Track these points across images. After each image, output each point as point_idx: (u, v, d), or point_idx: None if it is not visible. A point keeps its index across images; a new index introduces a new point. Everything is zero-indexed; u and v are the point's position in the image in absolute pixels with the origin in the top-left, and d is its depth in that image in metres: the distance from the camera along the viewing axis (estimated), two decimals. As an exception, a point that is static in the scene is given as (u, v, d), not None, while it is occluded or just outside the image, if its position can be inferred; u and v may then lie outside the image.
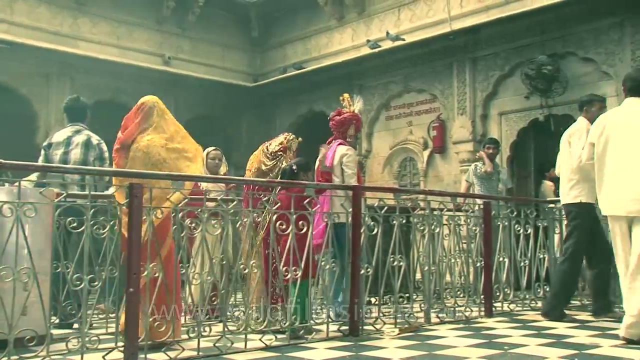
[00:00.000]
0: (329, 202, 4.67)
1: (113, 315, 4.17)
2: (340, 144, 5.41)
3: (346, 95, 5.69)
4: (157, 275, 3.55)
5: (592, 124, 4.63)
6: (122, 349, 3.30)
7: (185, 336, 3.80)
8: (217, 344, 3.69)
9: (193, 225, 3.90)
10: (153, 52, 11.42)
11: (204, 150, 5.80)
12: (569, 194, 5.11)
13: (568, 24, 8.03)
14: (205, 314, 4.07)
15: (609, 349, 3.77)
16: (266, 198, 4.27)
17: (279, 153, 4.83)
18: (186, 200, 3.84)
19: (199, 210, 3.92)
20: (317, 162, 5.23)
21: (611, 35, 7.72)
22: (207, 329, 3.73)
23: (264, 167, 4.82)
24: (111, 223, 3.82)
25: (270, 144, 4.94)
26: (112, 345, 3.46)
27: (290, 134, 5.08)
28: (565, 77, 8.05)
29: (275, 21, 12.62)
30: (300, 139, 5.06)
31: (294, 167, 4.65)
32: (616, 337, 4.17)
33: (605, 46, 7.76)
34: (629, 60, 7.51)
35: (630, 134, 4.12)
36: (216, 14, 12.15)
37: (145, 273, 3.46)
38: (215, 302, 4.40)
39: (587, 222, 5.09)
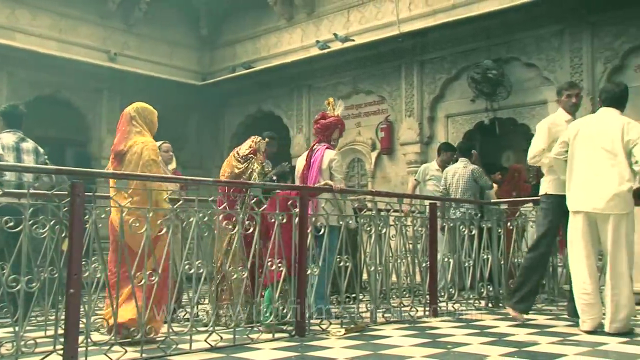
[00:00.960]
0: (316, 205, 4.85)
1: (52, 317, 4.03)
2: (327, 147, 5.46)
3: (330, 99, 5.77)
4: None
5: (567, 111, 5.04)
6: (61, 352, 3.19)
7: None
8: (161, 345, 3.63)
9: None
10: (98, 48, 11.07)
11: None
12: (542, 185, 5.10)
13: (512, 30, 8.26)
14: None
15: (547, 346, 3.89)
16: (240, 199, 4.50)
17: (249, 156, 5.12)
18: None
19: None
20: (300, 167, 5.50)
21: (552, 42, 7.98)
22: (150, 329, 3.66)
23: (236, 170, 5.09)
24: (51, 223, 3.70)
25: (240, 149, 5.23)
26: (51, 348, 3.35)
27: (257, 136, 5.33)
28: (509, 82, 8.27)
29: (224, 20, 12.49)
30: (267, 139, 5.41)
31: (274, 178, 4.94)
32: (553, 334, 4.34)
33: (547, 53, 8.02)
34: (568, 67, 7.78)
35: (600, 139, 4.47)
36: (164, 11, 11.89)
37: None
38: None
39: (553, 213, 4.92)
